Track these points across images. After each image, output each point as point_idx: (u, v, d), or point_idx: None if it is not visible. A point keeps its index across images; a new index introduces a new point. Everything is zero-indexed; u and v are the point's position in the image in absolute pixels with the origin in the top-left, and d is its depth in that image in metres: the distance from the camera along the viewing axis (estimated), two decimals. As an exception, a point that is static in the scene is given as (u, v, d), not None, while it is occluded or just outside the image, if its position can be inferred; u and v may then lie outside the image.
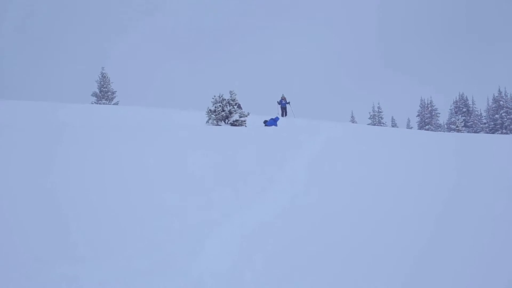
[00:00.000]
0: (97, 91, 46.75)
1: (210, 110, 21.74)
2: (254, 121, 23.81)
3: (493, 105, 63.61)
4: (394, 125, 67.42)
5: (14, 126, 13.81)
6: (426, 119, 66.89)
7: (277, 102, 32.46)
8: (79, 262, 5.28)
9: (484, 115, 66.18)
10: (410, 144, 19.02)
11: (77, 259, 5.35)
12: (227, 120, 21.75)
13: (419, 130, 52.75)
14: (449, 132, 53.81)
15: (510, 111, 61.44)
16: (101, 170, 9.22)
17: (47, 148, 10.49)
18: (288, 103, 32.04)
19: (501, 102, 62.42)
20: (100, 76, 47.13)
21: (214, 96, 21.97)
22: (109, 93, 47.00)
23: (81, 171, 8.99)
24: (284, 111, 32.15)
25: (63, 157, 9.85)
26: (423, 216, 7.85)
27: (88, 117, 19.81)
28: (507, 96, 63.27)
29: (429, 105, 67.62)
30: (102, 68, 47.68)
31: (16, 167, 8.78)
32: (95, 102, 45.62)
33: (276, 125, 23.94)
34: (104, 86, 46.96)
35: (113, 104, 43.70)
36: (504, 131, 59.70)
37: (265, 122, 24.37)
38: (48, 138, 11.93)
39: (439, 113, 67.85)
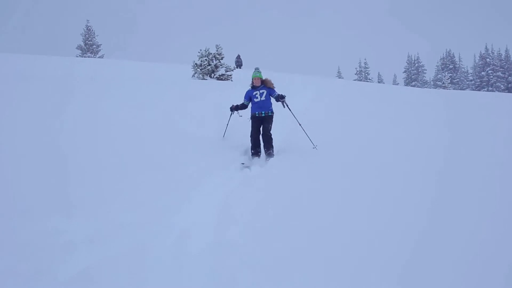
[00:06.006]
0: (82, 44, 46.00)
1: (196, 64, 21.59)
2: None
3: (480, 62, 63.79)
4: (380, 81, 67.51)
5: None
6: (413, 75, 67.03)
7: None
8: (67, 216, 5.32)
9: (471, 72, 66.39)
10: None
11: (64, 214, 5.38)
12: (213, 74, 21.67)
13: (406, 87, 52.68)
14: (435, 88, 54.08)
15: (497, 68, 61.71)
16: (89, 122, 9.36)
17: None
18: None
19: (488, 60, 62.61)
20: (85, 29, 46.25)
21: (200, 50, 21.75)
22: (94, 46, 46.30)
23: (73, 124, 9.18)
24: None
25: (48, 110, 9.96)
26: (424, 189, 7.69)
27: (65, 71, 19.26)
28: (493, 53, 63.38)
29: (415, 62, 67.63)
30: (87, 21, 46.74)
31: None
32: (79, 55, 44.93)
33: None
34: (89, 39, 46.19)
35: (98, 57, 43.08)
36: (490, 88, 60.13)
37: None
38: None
39: (426, 70, 68.02)
